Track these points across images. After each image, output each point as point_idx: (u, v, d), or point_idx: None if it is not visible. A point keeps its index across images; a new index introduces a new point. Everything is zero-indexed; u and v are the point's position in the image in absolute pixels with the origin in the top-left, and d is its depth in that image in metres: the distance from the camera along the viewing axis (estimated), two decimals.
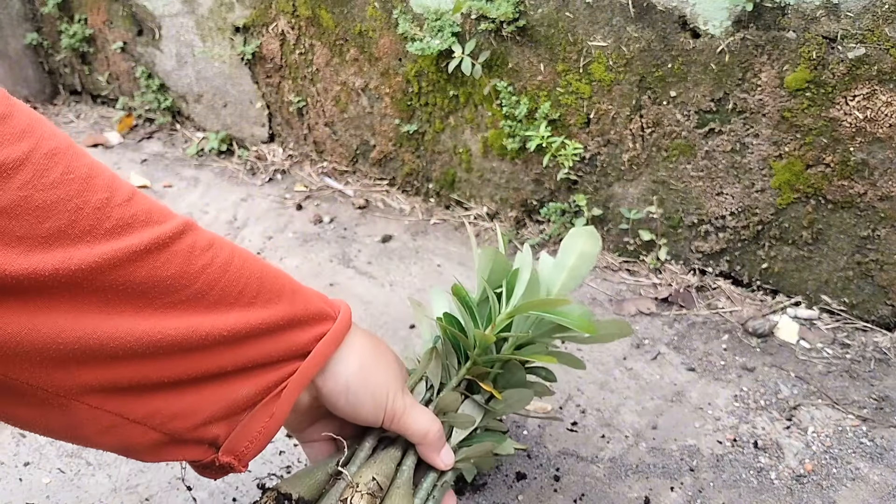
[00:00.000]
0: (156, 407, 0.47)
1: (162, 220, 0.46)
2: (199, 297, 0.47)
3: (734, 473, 0.89)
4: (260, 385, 0.52)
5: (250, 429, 0.52)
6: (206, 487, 0.86)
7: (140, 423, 0.47)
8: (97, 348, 0.43)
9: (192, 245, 0.47)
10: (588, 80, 1.19)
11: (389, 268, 1.34)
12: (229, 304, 0.48)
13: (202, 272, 0.47)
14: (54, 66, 2.09)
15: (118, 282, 0.43)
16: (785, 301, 1.19)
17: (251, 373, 0.51)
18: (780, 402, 1.01)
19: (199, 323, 0.46)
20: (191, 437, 0.50)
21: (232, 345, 0.49)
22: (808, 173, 1.08)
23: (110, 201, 0.43)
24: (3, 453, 0.91)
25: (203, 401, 0.49)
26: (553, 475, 0.89)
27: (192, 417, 0.49)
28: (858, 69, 0.97)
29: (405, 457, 0.69)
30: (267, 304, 0.51)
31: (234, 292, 0.49)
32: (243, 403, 0.51)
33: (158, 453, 0.50)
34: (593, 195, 1.30)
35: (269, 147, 1.76)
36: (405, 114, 1.46)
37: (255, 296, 0.50)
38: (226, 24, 1.64)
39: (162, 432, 0.48)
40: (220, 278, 0.48)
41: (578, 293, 1.26)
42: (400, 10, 1.33)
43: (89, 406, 0.45)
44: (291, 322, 0.53)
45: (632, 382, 1.05)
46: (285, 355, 0.53)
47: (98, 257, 0.42)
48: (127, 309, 0.44)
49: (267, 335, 0.51)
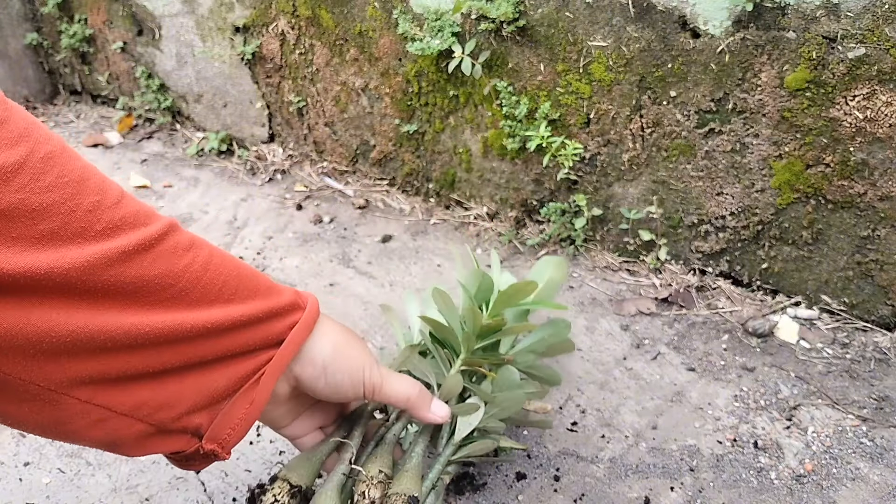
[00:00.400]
0: (142, 399, 0.49)
1: (148, 221, 0.49)
2: (183, 295, 0.50)
3: (734, 473, 0.89)
4: (238, 373, 0.54)
5: (231, 416, 0.55)
6: (206, 488, 0.86)
7: (127, 415, 0.49)
8: (87, 341, 0.45)
9: (176, 245, 0.50)
10: (588, 80, 1.19)
11: (389, 268, 1.34)
12: (210, 301, 0.51)
13: (185, 271, 0.50)
14: (54, 66, 2.09)
15: (108, 281, 0.45)
16: (785, 301, 1.19)
17: (230, 362, 0.54)
18: (780, 402, 1.01)
19: (183, 318, 0.49)
20: (175, 427, 0.52)
21: (213, 337, 0.52)
22: (808, 173, 1.08)
23: (101, 204, 0.46)
24: (3, 453, 0.91)
25: (186, 390, 0.52)
26: (553, 475, 0.89)
27: (176, 407, 0.51)
28: (858, 69, 0.97)
29: (414, 445, 0.74)
30: (245, 300, 0.54)
31: (214, 290, 0.52)
32: (224, 392, 0.54)
33: (144, 445, 0.52)
34: (593, 195, 1.30)
35: (269, 147, 1.76)
36: (405, 114, 1.46)
37: (235, 292, 0.53)
38: (226, 24, 1.64)
39: (148, 423, 0.50)
40: (201, 276, 0.51)
41: (579, 292, 1.26)
42: (400, 10, 1.33)
43: (79, 400, 0.47)
44: (268, 314, 0.56)
45: (632, 382, 1.05)
46: (261, 344, 0.56)
47: (90, 257, 0.44)
48: (116, 305, 0.46)
49: (245, 327, 0.54)
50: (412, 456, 0.72)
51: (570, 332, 0.93)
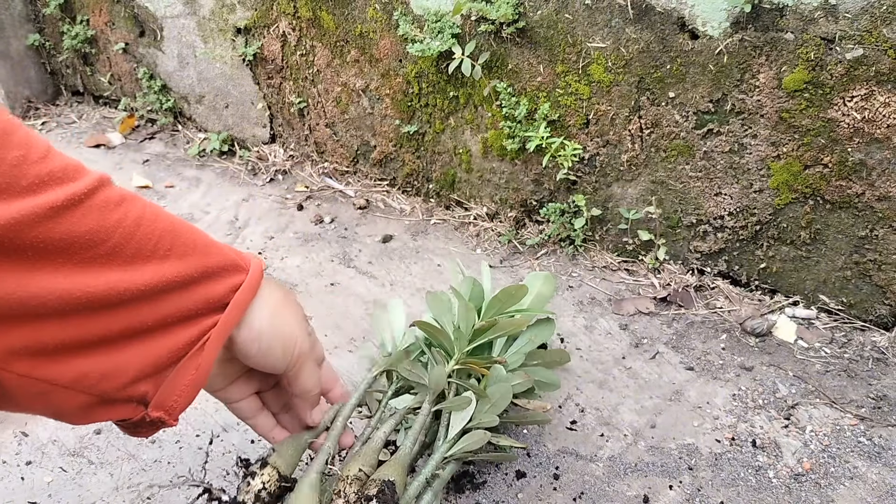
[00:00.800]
0: (83, 370, 0.48)
1: (77, 176, 0.47)
2: (116, 252, 0.47)
3: (732, 472, 0.90)
4: (183, 340, 0.53)
5: (177, 383, 0.53)
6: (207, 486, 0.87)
7: (69, 387, 0.48)
8: (19, 307, 0.43)
9: (107, 200, 0.48)
10: (587, 81, 1.20)
11: (390, 267, 1.35)
12: (145, 257, 0.49)
13: (117, 227, 0.48)
14: (56, 67, 2.10)
15: (38, 238, 0.43)
16: (783, 301, 1.19)
17: (173, 328, 0.52)
18: (779, 401, 1.01)
19: (117, 278, 0.47)
20: (119, 397, 0.51)
21: (151, 299, 0.50)
22: (807, 174, 1.08)
23: (26, 158, 0.44)
24: (6, 452, 0.92)
25: (129, 359, 0.50)
26: (552, 473, 0.89)
27: (119, 377, 0.50)
28: (856, 70, 0.97)
29: (405, 440, 0.77)
30: (182, 257, 0.52)
31: (148, 246, 0.50)
32: (168, 359, 0.52)
33: (89, 415, 0.51)
34: (592, 195, 1.31)
35: (270, 147, 1.76)
36: (405, 114, 1.46)
37: (170, 249, 0.51)
38: (227, 26, 1.65)
39: (91, 394, 0.49)
40: (134, 232, 0.49)
41: (578, 292, 1.26)
42: (400, 11, 1.33)
43: (17, 375, 0.45)
44: (206, 273, 0.53)
45: (631, 381, 1.06)
46: (204, 308, 0.54)
47: (16, 213, 0.42)
48: (47, 266, 0.44)
49: (184, 288, 0.52)
50: (400, 450, 0.74)
51: (569, 334, 0.94)
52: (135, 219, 0.49)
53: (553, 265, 1.34)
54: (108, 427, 0.96)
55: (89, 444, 0.93)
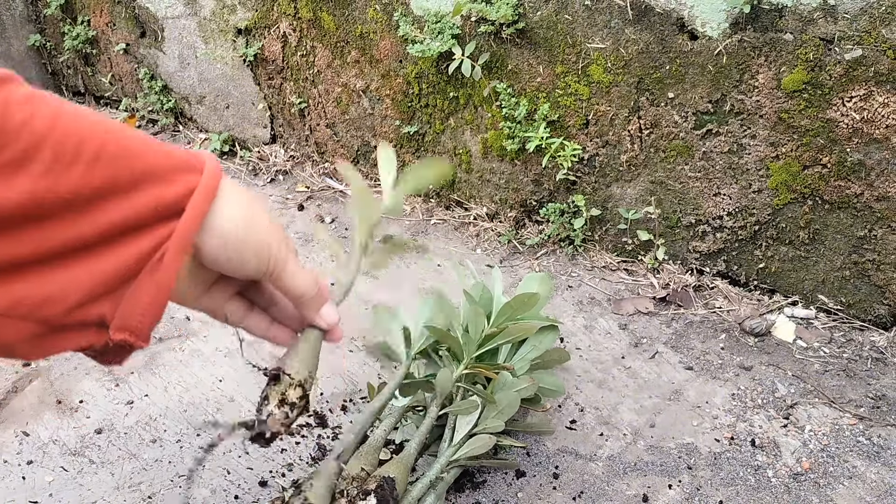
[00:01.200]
0: (18, 295, 0.43)
1: None
2: (27, 157, 0.42)
3: (732, 471, 0.90)
4: (133, 253, 0.47)
5: (138, 301, 0.48)
6: (207, 485, 0.87)
7: (5, 315, 0.43)
8: None
9: (6, 99, 0.41)
10: (587, 81, 1.20)
11: (390, 267, 1.35)
12: (67, 162, 0.43)
13: (23, 127, 0.42)
14: (57, 68, 2.11)
15: None
16: (782, 300, 1.20)
17: (119, 240, 0.46)
18: (778, 401, 1.01)
19: (34, 187, 0.42)
20: (70, 322, 0.46)
21: (84, 210, 0.44)
22: (805, 174, 1.08)
23: None
24: (7, 452, 0.92)
25: (71, 280, 0.45)
26: (552, 473, 0.90)
27: (63, 300, 0.45)
28: (855, 70, 0.97)
29: (411, 441, 0.79)
30: (116, 159, 0.45)
31: (68, 149, 0.43)
32: (120, 276, 0.47)
33: (41, 346, 0.46)
34: (592, 196, 1.31)
35: (270, 148, 1.77)
36: (406, 115, 1.47)
37: (99, 151, 0.44)
38: (228, 27, 1.65)
39: (34, 322, 0.44)
40: (47, 134, 0.43)
41: (577, 292, 1.26)
42: (401, 12, 1.34)
43: None
44: (150, 174, 0.47)
45: (630, 381, 1.06)
46: (152, 216, 0.47)
47: None
48: None
49: (123, 194, 0.46)
50: (404, 451, 0.76)
51: (569, 333, 0.95)
52: (47, 119, 0.42)
53: (553, 265, 1.35)
54: (109, 427, 0.96)
55: (90, 444, 0.94)
